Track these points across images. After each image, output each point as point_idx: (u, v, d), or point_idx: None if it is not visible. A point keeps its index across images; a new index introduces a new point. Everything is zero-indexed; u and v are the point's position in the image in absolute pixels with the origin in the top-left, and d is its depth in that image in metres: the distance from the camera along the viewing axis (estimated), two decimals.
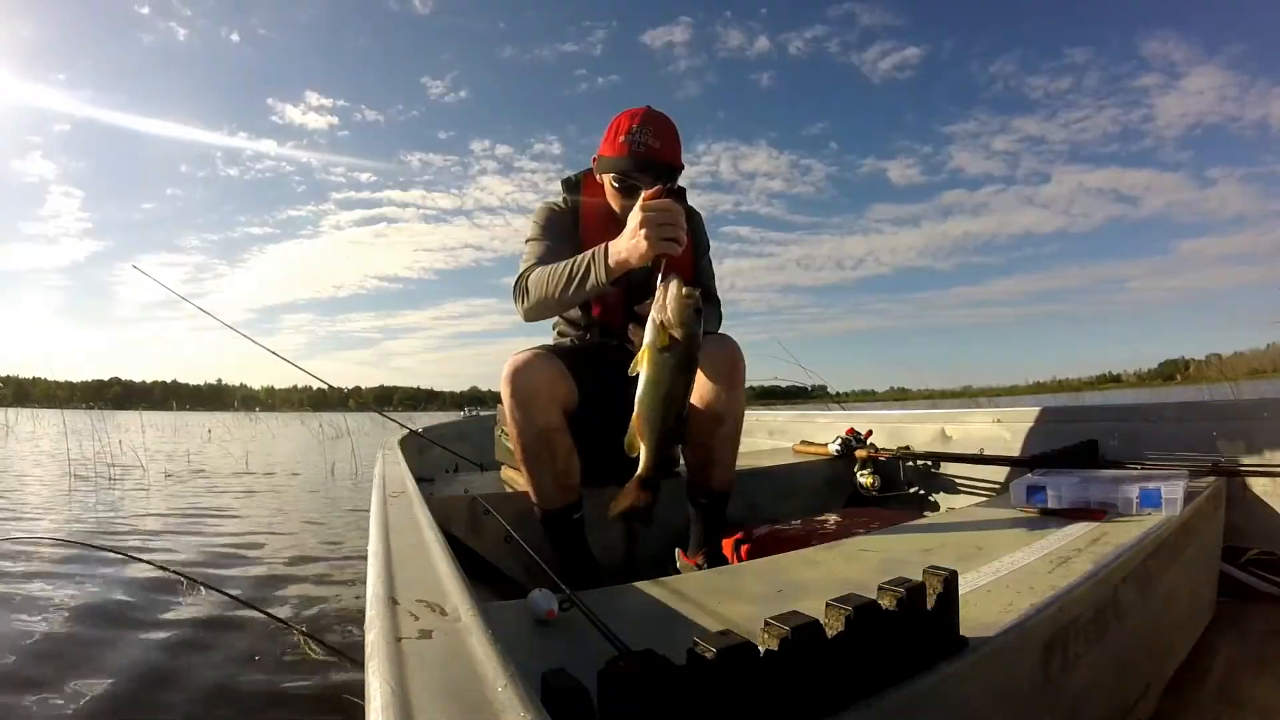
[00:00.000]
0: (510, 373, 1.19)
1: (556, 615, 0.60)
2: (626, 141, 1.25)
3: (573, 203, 1.41)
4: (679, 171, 1.31)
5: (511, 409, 1.19)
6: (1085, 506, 0.99)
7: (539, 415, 1.18)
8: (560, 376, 1.21)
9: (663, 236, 0.95)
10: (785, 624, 0.41)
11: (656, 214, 0.95)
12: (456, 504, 1.40)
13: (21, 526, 2.82)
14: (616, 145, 1.27)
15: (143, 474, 5.33)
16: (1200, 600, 1.12)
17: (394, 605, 0.42)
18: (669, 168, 1.28)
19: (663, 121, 1.28)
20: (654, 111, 1.29)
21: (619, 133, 1.27)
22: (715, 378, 1.26)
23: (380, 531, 0.64)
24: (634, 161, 1.25)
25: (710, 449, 1.29)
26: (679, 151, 1.31)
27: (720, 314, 1.53)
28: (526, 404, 1.18)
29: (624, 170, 1.27)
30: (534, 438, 1.19)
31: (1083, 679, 0.66)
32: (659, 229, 0.95)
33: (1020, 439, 1.77)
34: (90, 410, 9.83)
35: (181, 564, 2.16)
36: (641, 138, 1.25)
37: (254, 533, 2.84)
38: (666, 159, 1.27)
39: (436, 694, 0.30)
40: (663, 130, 1.28)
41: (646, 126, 1.26)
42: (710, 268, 1.56)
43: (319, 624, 1.62)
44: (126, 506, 3.64)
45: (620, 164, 1.27)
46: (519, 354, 1.22)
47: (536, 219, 1.40)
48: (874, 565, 0.80)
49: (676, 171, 1.30)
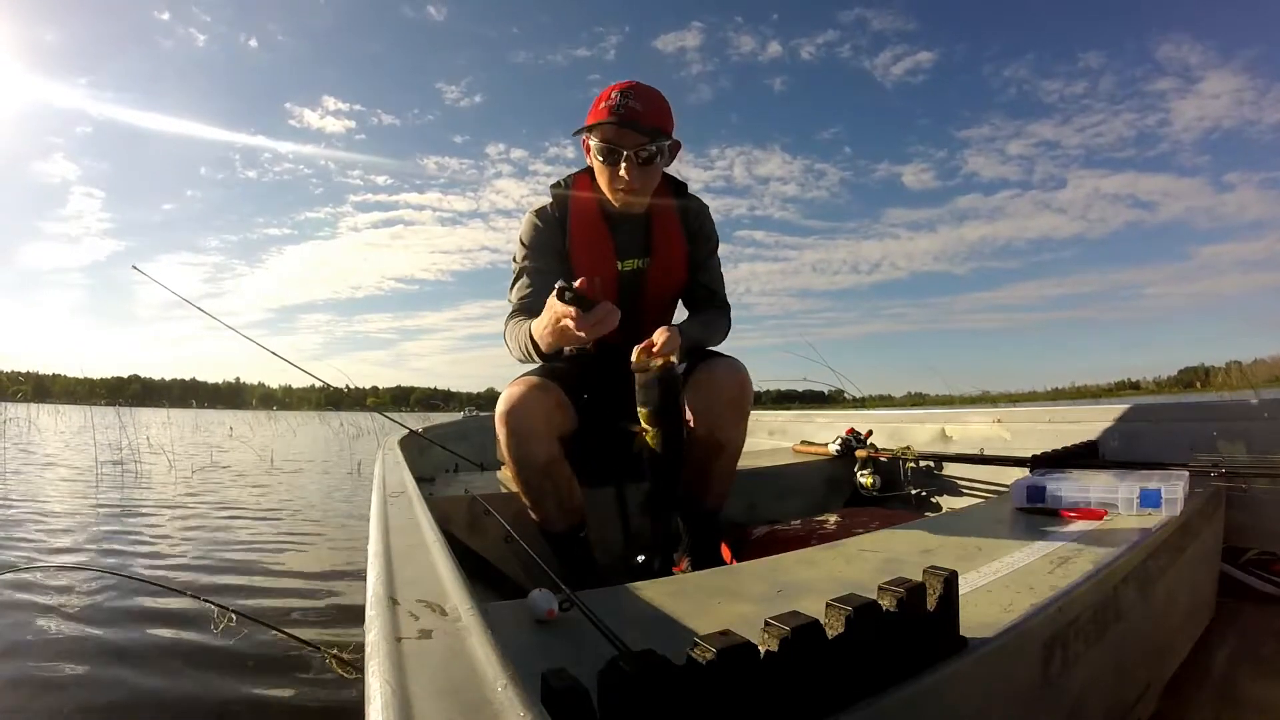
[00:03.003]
0: (506, 410, 1.15)
1: (556, 615, 0.60)
2: (607, 107, 1.20)
3: (560, 207, 1.35)
4: (665, 136, 1.25)
5: (510, 447, 1.16)
6: (1085, 506, 0.99)
7: (539, 451, 1.15)
8: (557, 407, 1.18)
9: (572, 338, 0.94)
10: (785, 624, 0.41)
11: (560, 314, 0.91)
12: (456, 504, 1.40)
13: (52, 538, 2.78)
14: (598, 112, 1.22)
15: (170, 470, 5.47)
16: (1200, 600, 1.12)
17: (394, 605, 0.42)
18: (651, 129, 1.21)
19: (648, 90, 1.23)
20: (641, 84, 1.24)
21: (603, 100, 1.22)
22: (722, 406, 1.22)
23: (380, 531, 0.64)
24: (616, 123, 1.19)
25: (708, 473, 1.27)
26: (666, 117, 1.25)
27: (729, 318, 1.46)
28: (525, 441, 1.15)
29: (606, 135, 1.21)
30: (535, 472, 1.17)
31: (1082, 679, 0.66)
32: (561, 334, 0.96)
33: (1020, 439, 1.77)
34: (116, 407, 9.96)
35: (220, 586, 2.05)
36: (624, 101, 1.19)
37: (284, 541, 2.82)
38: (651, 121, 1.21)
39: (436, 694, 0.30)
40: (647, 95, 1.22)
41: (629, 92, 1.21)
42: (717, 267, 1.49)
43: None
44: (154, 501, 3.68)
45: (601, 127, 1.20)
46: (513, 386, 1.19)
47: (522, 236, 1.35)
48: (874, 565, 0.80)
49: (661, 135, 1.23)
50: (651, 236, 1.36)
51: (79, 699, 1.25)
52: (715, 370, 1.24)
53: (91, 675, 1.35)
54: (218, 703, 1.27)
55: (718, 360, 1.27)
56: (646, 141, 1.21)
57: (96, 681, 1.33)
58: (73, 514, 3.32)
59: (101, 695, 1.27)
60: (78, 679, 1.33)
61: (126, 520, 3.18)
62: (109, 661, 1.42)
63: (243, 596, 1.92)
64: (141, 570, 2.19)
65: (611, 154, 1.23)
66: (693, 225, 1.41)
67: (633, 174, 1.22)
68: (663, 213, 1.38)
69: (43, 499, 3.81)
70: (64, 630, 1.59)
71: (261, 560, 2.43)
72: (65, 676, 1.34)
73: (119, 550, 2.54)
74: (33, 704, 1.24)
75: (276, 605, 1.86)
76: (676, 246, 1.38)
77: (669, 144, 1.28)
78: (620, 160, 1.22)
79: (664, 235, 1.37)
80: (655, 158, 1.24)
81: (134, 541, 2.70)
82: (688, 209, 1.41)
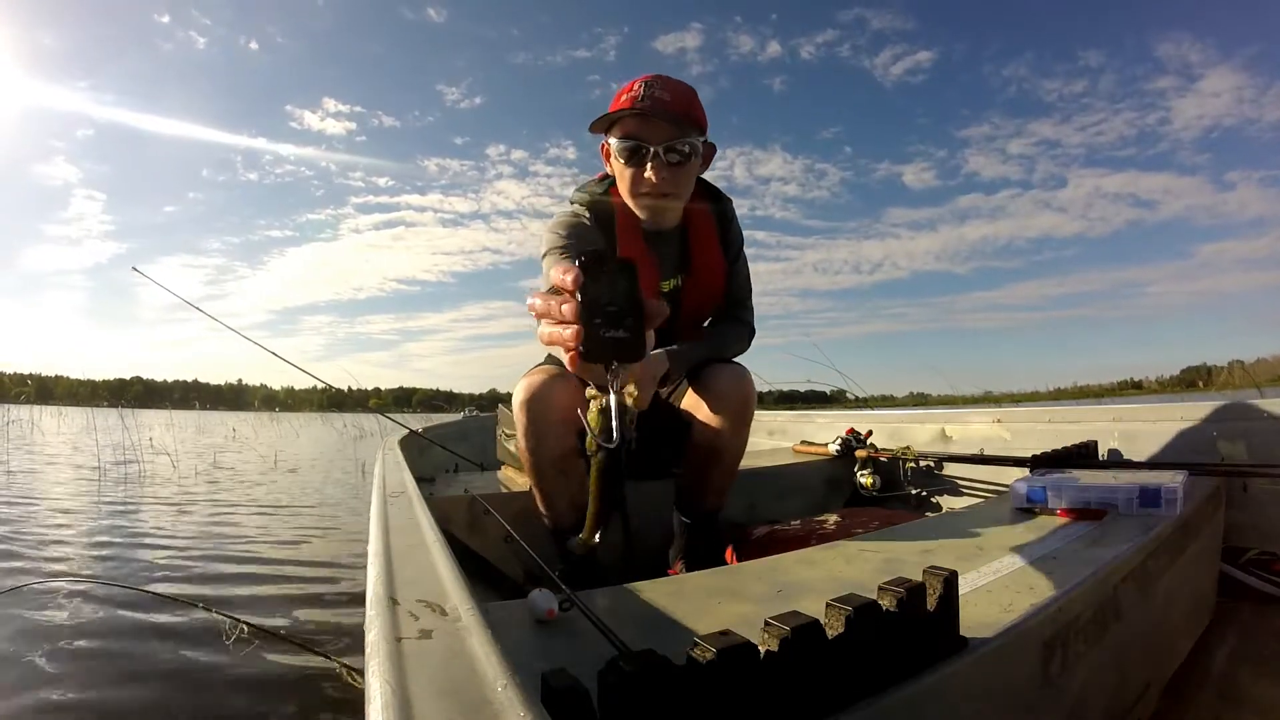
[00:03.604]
0: (527, 399, 1.07)
1: (556, 615, 0.60)
2: (630, 98, 1.06)
3: (602, 215, 1.16)
4: (699, 129, 1.08)
5: (528, 436, 1.09)
6: (1085, 506, 0.99)
7: (556, 442, 1.09)
8: (577, 396, 1.12)
9: (552, 340, 0.52)
10: (785, 624, 0.41)
11: (541, 302, 0.53)
12: (456, 504, 1.40)
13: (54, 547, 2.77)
14: (619, 104, 1.07)
15: (174, 472, 5.47)
16: (1200, 600, 1.12)
17: (394, 605, 0.42)
18: (680, 118, 1.05)
19: (676, 82, 1.09)
20: (667, 76, 1.10)
21: (625, 92, 1.07)
22: (725, 414, 1.17)
23: (380, 531, 0.64)
24: (640, 114, 1.04)
25: (707, 477, 1.24)
26: (697, 111, 1.09)
27: (748, 338, 1.35)
28: (544, 432, 1.09)
29: (628, 129, 1.05)
30: (550, 464, 1.11)
31: (1083, 679, 0.66)
32: (548, 332, 0.52)
33: (1020, 439, 1.77)
34: (120, 409, 10.04)
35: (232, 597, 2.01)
36: (649, 91, 1.04)
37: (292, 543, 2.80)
38: (677, 110, 1.05)
39: (436, 694, 0.30)
40: (675, 87, 1.07)
41: (655, 83, 1.06)
42: (745, 270, 1.34)
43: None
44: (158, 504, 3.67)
45: (622, 120, 1.05)
46: (532, 374, 1.10)
47: (556, 228, 1.15)
48: (874, 565, 0.79)
49: (692, 127, 1.07)
50: (689, 251, 1.24)
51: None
52: (719, 378, 1.19)
53: (102, 696, 1.32)
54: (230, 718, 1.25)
55: (722, 368, 1.21)
56: (676, 135, 1.05)
57: (106, 703, 1.29)
58: (78, 518, 3.30)
59: (112, 715, 1.24)
60: (86, 702, 1.30)
61: (131, 525, 3.16)
62: (119, 679, 1.39)
63: (252, 606, 1.89)
64: (147, 579, 2.17)
65: (635, 152, 1.07)
66: (726, 232, 1.29)
67: (660, 174, 1.07)
68: (700, 223, 1.24)
69: (48, 499, 3.82)
70: (71, 646, 1.55)
71: (270, 568, 2.40)
72: (71, 700, 1.30)
73: (124, 559, 2.51)
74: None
75: (287, 615, 1.84)
76: (715, 262, 1.26)
77: (703, 143, 1.12)
78: (646, 159, 1.07)
79: (701, 250, 1.25)
80: (688, 158, 1.09)
81: (138, 547, 2.68)
82: (724, 215, 1.28)
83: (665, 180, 1.07)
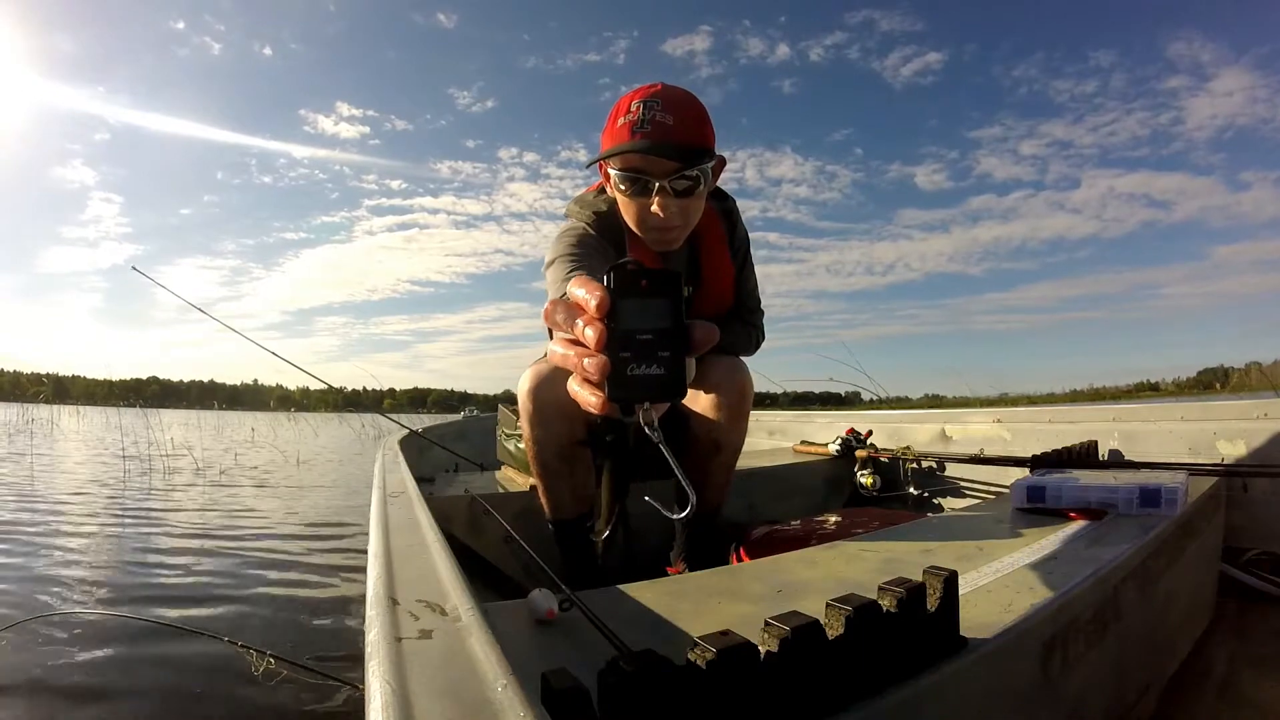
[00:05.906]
0: (533, 386, 1.04)
1: (556, 615, 0.60)
2: (628, 124, 0.94)
3: (610, 231, 1.09)
4: (708, 155, 0.98)
5: (533, 424, 1.07)
6: (1085, 507, 0.99)
7: (562, 431, 1.07)
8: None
9: (568, 367, 0.43)
10: (785, 624, 0.41)
11: (563, 315, 0.43)
12: (456, 504, 1.40)
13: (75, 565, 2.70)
14: (616, 131, 0.96)
15: (200, 474, 5.48)
16: (1200, 600, 1.12)
17: (394, 605, 0.42)
18: (687, 149, 0.94)
19: (678, 95, 0.97)
20: (668, 87, 0.97)
21: (620, 114, 0.96)
22: (722, 407, 1.15)
23: (380, 531, 0.64)
24: (641, 144, 0.93)
25: (706, 472, 1.23)
26: (706, 131, 0.99)
27: (758, 341, 1.32)
28: (549, 420, 1.06)
29: (629, 161, 0.95)
30: (555, 454, 1.10)
31: (1082, 679, 0.66)
32: (563, 354, 0.43)
33: (1020, 439, 1.78)
34: (139, 409, 10.06)
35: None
36: (648, 115, 0.93)
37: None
38: (684, 139, 0.94)
39: (436, 694, 0.30)
40: (678, 102, 0.95)
41: (655, 101, 0.94)
42: (752, 271, 1.30)
43: None
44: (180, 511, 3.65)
45: (623, 150, 0.94)
46: (539, 364, 1.07)
47: (562, 241, 1.06)
48: (874, 565, 0.79)
49: (701, 155, 0.96)
50: (699, 263, 1.20)
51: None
52: (714, 369, 1.18)
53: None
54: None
55: (718, 360, 1.19)
56: (683, 167, 0.95)
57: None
58: (100, 529, 3.19)
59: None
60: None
61: (151, 541, 2.99)
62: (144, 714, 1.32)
63: (277, 632, 1.78)
64: (168, 607, 2.01)
65: (637, 184, 0.97)
66: (732, 233, 1.24)
67: (668, 209, 0.98)
68: (710, 232, 1.18)
69: (69, 506, 3.76)
70: (91, 680, 1.45)
71: (292, 589, 2.25)
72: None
73: (145, 582, 2.33)
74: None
75: (313, 640, 1.73)
76: (725, 270, 1.23)
77: (712, 164, 1.01)
78: (651, 192, 0.97)
79: (711, 260, 1.21)
80: (696, 185, 0.99)
81: (157, 568, 2.51)
82: (729, 214, 1.24)
83: (673, 214, 0.99)
